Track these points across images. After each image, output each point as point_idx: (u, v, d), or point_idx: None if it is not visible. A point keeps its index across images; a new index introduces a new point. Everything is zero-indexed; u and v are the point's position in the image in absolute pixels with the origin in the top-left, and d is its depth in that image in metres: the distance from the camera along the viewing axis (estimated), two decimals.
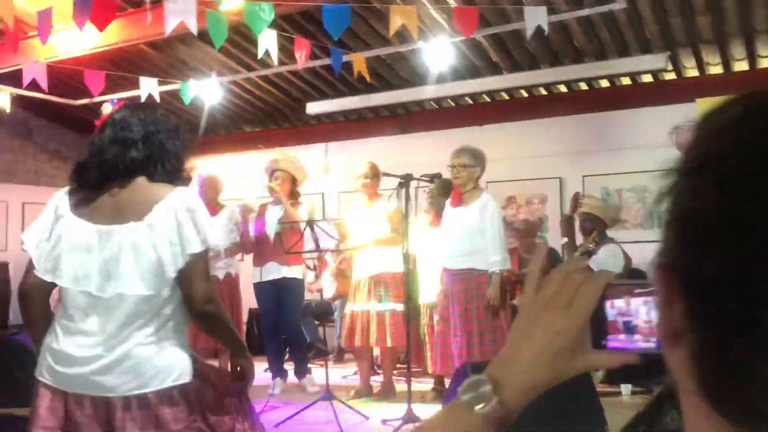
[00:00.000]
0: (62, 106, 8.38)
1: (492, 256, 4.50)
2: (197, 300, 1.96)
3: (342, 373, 6.39)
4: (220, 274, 5.71)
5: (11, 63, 6.13)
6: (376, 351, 5.87)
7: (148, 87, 6.32)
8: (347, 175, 7.39)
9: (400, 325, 5.14)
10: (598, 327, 0.69)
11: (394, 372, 5.70)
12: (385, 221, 5.34)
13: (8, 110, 6.59)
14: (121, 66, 6.90)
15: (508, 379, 0.69)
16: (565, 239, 5.13)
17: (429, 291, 5.25)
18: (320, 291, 6.38)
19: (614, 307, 0.71)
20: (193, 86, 6.59)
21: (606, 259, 5.04)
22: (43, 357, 1.98)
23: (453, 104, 7.78)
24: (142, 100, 6.36)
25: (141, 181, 2.02)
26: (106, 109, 2.22)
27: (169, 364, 1.96)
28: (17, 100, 7.37)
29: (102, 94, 6.56)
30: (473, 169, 4.72)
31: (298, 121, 8.46)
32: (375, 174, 5.43)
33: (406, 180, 4.36)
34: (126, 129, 2.03)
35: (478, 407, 0.68)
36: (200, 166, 7.38)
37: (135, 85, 7.19)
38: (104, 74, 6.00)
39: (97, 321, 1.95)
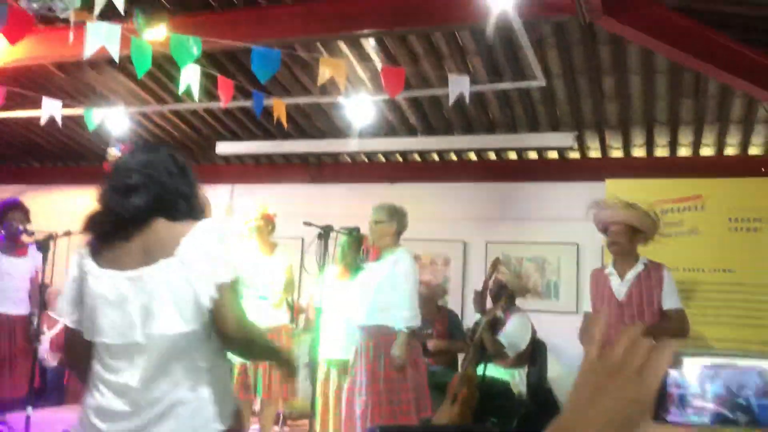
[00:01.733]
0: None
1: (401, 312, 4.45)
2: (230, 328, 1.90)
3: None
4: None
5: None
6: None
7: (51, 109, 5.98)
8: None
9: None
10: (660, 398, 0.65)
11: (275, 428, 5.50)
12: (283, 276, 5.25)
13: None
14: (24, 84, 6.52)
15: None
16: (478, 315, 5.19)
17: (332, 347, 5.14)
18: None
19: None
20: (98, 113, 6.30)
21: (515, 331, 5.13)
22: (86, 417, 1.93)
23: (366, 159, 7.82)
24: (43, 122, 6.03)
25: (161, 222, 1.96)
26: (112, 153, 2.11)
27: (212, 411, 1.90)
28: None
29: (0, 110, 6.18)
30: (386, 225, 4.70)
31: (206, 159, 8.25)
32: (265, 218, 5.34)
33: (325, 231, 4.29)
34: (126, 176, 1.99)
35: None
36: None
37: (37, 105, 6.82)
38: (5, 90, 5.63)
39: (139, 371, 1.87)
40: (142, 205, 1.95)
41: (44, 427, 5.37)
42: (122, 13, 3.65)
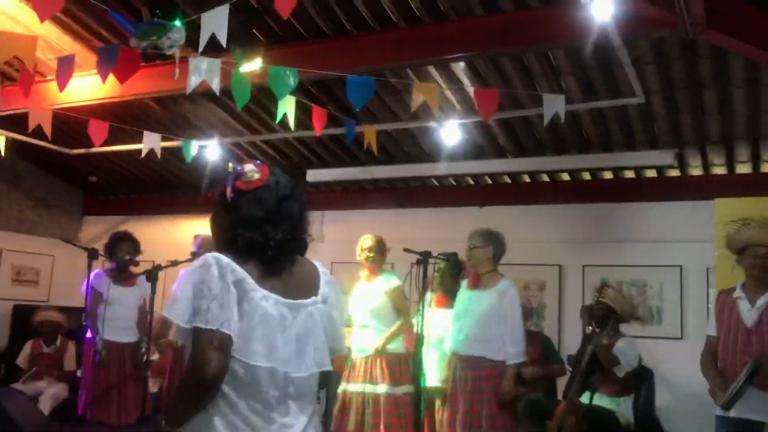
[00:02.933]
0: (54, 153, 8.20)
1: (510, 348, 4.34)
2: (340, 368, 1.98)
3: None
4: None
5: (16, 105, 5.99)
6: None
7: (152, 142, 6.21)
8: (342, 244, 7.29)
9: (396, 410, 4.94)
10: None
11: None
12: (385, 298, 5.19)
13: (3, 154, 6.39)
14: (123, 119, 6.79)
15: None
16: (589, 328, 5.00)
17: (432, 375, 5.05)
18: None
19: None
20: (194, 145, 6.49)
21: (626, 350, 4.90)
22: None
23: (454, 183, 7.76)
24: (143, 154, 6.25)
25: (298, 256, 1.97)
26: (251, 172, 1.99)
27: None
28: (9, 144, 7.18)
29: (102, 145, 6.43)
30: (483, 249, 4.61)
31: None
32: (380, 249, 5.31)
33: (424, 257, 4.24)
34: (287, 203, 1.94)
35: None
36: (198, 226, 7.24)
37: (133, 138, 7.09)
38: (108, 125, 5.87)
39: (294, 405, 1.83)
40: (303, 235, 1.95)
41: None
42: (224, 47, 3.72)
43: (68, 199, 9.79)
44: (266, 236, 1.86)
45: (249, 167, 1.95)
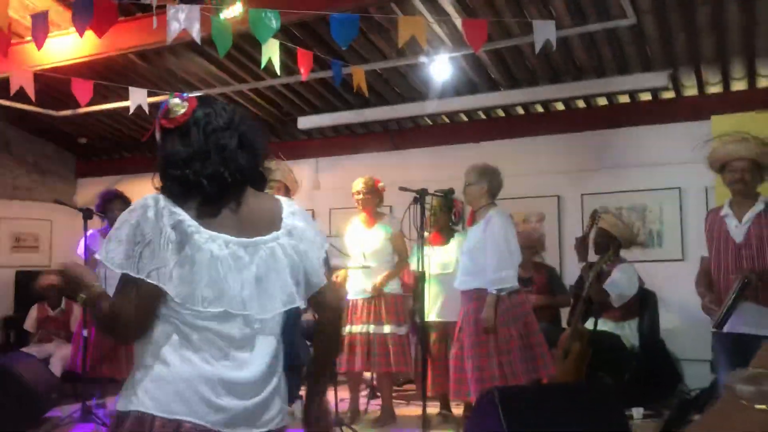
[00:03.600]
0: (43, 117, 8.10)
1: (490, 274, 4.28)
2: (333, 303, 1.91)
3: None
4: None
5: None
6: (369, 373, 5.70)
7: (138, 98, 6.09)
8: (338, 191, 7.26)
9: (401, 348, 5.01)
10: None
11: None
12: (385, 241, 5.21)
13: None
14: (108, 77, 6.66)
15: None
16: (583, 263, 5.00)
17: (429, 311, 5.08)
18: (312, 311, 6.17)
19: None
20: None
21: (621, 281, 4.92)
22: (191, 391, 1.67)
23: (448, 121, 7.67)
24: (131, 111, 6.15)
25: (250, 191, 1.82)
26: (177, 105, 1.82)
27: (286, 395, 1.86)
28: None
29: (88, 105, 6.32)
30: (476, 186, 4.55)
31: (289, 136, 8.28)
32: (371, 189, 5.28)
33: (420, 195, 4.20)
34: (221, 135, 1.78)
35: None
36: None
37: (121, 96, 6.99)
38: (93, 84, 5.76)
39: (256, 345, 1.76)
40: (246, 168, 1.79)
41: None
42: None
43: (61, 163, 9.72)
44: (196, 174, 1.72)
45: (173, 102, 1.79)
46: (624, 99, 6.81)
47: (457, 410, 5.29)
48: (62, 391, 5.47)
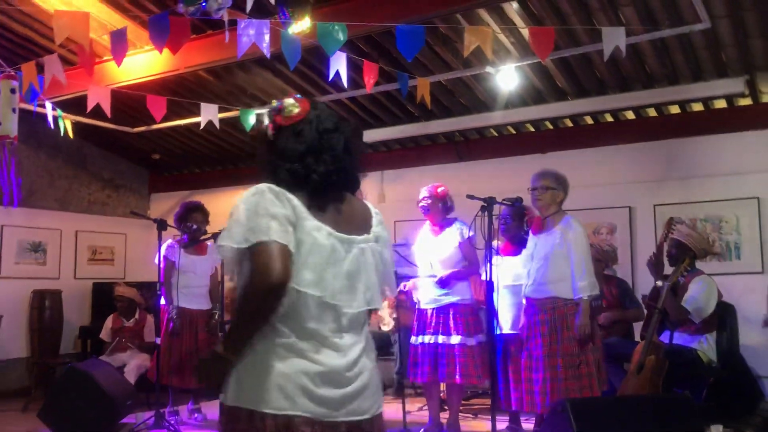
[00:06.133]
0: (117, 135, 8.40)
1: (578, 281, 4.24)
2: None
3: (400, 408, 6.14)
4: None
5: (76, 88, 6.13)
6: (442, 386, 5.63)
7: (209, 114, 6.25)
8: (403, 203, 7.26)
9: (470, 360, 4.92)
10: None
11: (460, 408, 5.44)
12: (454, 248, 5.14)
13: (71, 136, 6.55)
14: (180, 93, 6.88)
15: None
16: (659, 282, 4.85)
17: (501, 322, 5.01)
18: (379, 322, 6.18)
19: None
20: (252, 113, 6.51)
21: (700, 295, 4.75)
22: (293, 385, 1.74)
23: (514, 131, 7.59)
24: (202, 126, 6.31)
25: (347, 193, 1.96)
26: (291, 105, 1.92)
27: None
28: (74, 128, 7.36)
29: (162, 121, 6.52)
30: (556, 191, 4.54)
31: None
32: (434, 195, 5.24)
33: (488, 204, 4.16)
34: (333, 136, 1.91)
35: None
36: None
37: (192, 112, 7.18)
38: (166, 100, 5.94)
39: (347, 336, 1.84)
40: (349, 170, 1.91)
41: None
42: (271, 9, 3.69)
43: (135, 179, 10.05)
44: (308, 168, 1.84)
45: (288, 101, 1.93)
46: (698, 107, 6.61)
47: (527, 425, 5.19)
48: (136, 398, 5.61)
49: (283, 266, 1.69)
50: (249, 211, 1.74)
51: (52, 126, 6.08)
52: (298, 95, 1.98)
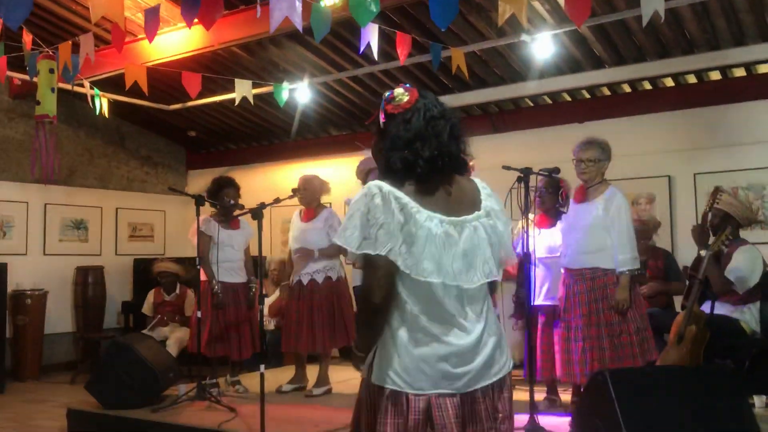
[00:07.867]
0: (155, 113, 8.50)
1: (620, 255, 4.19)
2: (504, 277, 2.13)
3: None
4: (319, 277, 5.61)
5: (112, 67, 6.20)
6: None
7: (243, 89, 6.27)
8: None
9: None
10: None
11: None
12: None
13: (107, 116, 6.64)
14: (214, 70, 6.91)
15: None
16: (702, 252, 4.76)
17: (537, 294, 4.97)
18: None
19: None
20: (285, 88, 6.52)
21: (744, 265, 4.66)
22: (431, 369, 1.93)
23: (550, 101, 7.48)
24: (236, 103, 6.33)
25: (455, 175, 2.06)
26: (403, 95, 2.05)
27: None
28: (111, 107, 7.46)
29: (196, 98, 6.57)
30: (602, 163, 4.47)
31: None
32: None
33: (525, 174, 4.12)
34: (442, 122, 2.00)
35: None
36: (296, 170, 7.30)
37: (226, 89, 7.23)
38: (201, 77, 5.97)
39: (470, 312, 1.97)
40: (455, 155, 2.01)
41: (275, 385, 5.77)
42: None
43: (172, 156, 10.18)
44: (416, 154, 1.95)
45: (398, 91, 2.04)
46: (740, 72, 6.43)
47: (564, 395, 5.18)
48: (178, 370, 5.73)
49: (383, 290, 1.92)
50: (362, 218, 1.91)
51: (90, 104, 6.17)
52: (407, 84, 2.08)
